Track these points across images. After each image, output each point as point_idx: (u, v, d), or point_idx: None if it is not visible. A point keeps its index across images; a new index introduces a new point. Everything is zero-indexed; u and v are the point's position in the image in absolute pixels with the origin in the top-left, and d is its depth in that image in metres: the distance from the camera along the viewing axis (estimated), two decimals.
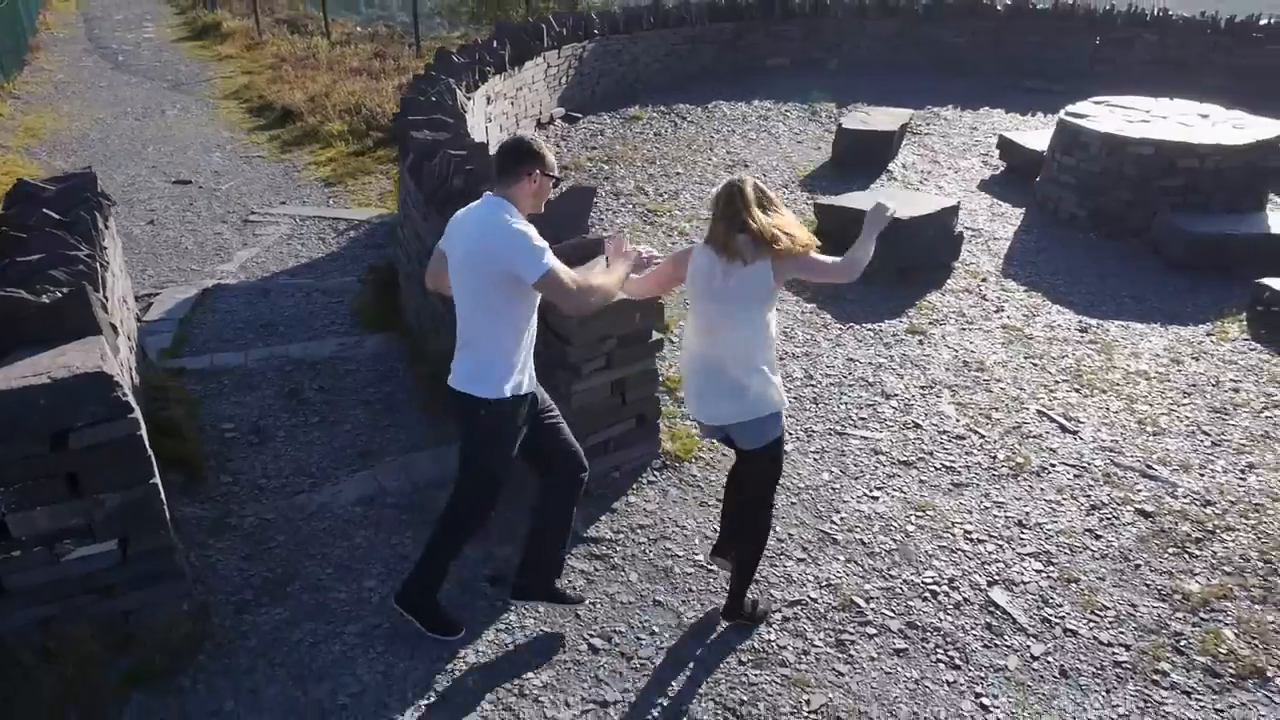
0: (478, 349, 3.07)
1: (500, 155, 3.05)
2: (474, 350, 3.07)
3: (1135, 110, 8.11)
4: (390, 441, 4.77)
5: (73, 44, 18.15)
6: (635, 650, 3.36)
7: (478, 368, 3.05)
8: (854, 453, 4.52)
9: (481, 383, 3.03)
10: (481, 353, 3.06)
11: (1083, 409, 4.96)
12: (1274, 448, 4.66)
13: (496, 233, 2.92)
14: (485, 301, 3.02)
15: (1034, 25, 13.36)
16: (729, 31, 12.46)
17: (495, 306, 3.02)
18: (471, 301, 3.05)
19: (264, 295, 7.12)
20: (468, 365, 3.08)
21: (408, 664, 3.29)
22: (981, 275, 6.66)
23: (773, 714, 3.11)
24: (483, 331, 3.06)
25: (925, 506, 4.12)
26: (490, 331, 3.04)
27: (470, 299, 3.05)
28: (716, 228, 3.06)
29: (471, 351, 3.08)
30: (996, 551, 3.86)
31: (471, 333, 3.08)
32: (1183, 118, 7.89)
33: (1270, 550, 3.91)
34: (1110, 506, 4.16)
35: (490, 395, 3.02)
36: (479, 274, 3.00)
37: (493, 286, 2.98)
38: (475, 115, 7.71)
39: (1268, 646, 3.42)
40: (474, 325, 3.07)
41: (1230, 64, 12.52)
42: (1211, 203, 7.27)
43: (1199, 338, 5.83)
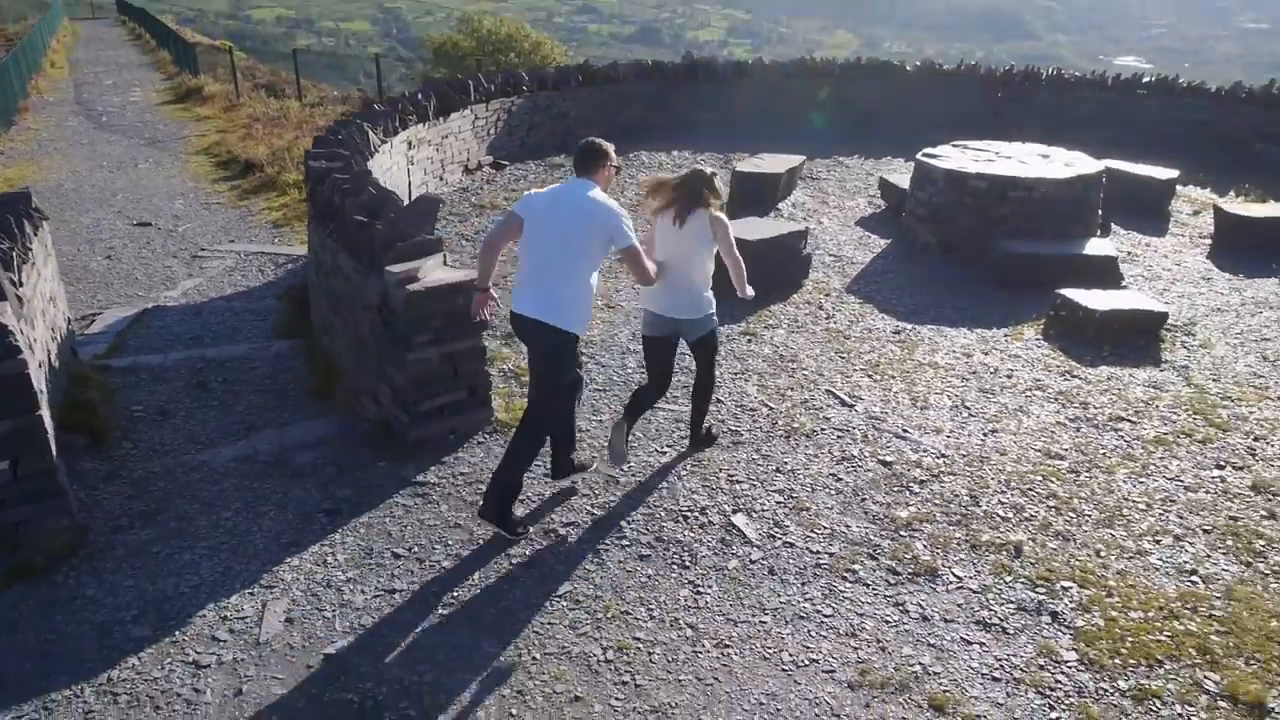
0: (555, 291, 3.99)
1: (584, 153, 4.20)
2: (551, 291, 3.99)
3: (985, 151, 9.11)
4: (274, 419, 5.59)
5: (61, 106, 19.36)
6: (428, 555, 4.15)
7: (551, 305, 3.98)
8: (659, 421, 5.35)
9: (555, 315, 3.98)
10: (557, 295, 3.99)
11: (868, 389, 5.80)
12: (1020, 419, 5.49)
13: (602, 207, 4.01)
14: (574, 256, 4.00)
15: (940, 83, 14.51)
16: (655, 90, 13.60)
17: (581, 261, 4.01)
18: (559, 253, 3.99)
19: (197, 314, 8.00)
20: (542, 302, 4.00)
21: (242, 566, 4.08)
22: (826, 291, 7.55)
23: (526, 599, 3.89)
24: (563, 277, 4.00)
25: (703, 459, 4.93)
26: (570, 278, 4.00)
27: (559, 252, 3.99)
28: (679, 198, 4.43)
29: (548, 292, 3.99)
30: (748, 489, 4.67)
31: (550, 279, 4.00)
32: (1024, 157, 8.88)
33: (979, 489, 4.72)
34: (857, 459, 4.97)
35: (563, 327, 3.99)
36: (575, 233, 3.98)
37: (586, 245, 3.99)
38: (392, 156, 8.69)
39: (946, 554, 4.21)
40: (556, 272, 4.00)
41: (1118, 117, 13.64)
42: (1042, 229, 8.20)
43: (997, 338, 6.70)
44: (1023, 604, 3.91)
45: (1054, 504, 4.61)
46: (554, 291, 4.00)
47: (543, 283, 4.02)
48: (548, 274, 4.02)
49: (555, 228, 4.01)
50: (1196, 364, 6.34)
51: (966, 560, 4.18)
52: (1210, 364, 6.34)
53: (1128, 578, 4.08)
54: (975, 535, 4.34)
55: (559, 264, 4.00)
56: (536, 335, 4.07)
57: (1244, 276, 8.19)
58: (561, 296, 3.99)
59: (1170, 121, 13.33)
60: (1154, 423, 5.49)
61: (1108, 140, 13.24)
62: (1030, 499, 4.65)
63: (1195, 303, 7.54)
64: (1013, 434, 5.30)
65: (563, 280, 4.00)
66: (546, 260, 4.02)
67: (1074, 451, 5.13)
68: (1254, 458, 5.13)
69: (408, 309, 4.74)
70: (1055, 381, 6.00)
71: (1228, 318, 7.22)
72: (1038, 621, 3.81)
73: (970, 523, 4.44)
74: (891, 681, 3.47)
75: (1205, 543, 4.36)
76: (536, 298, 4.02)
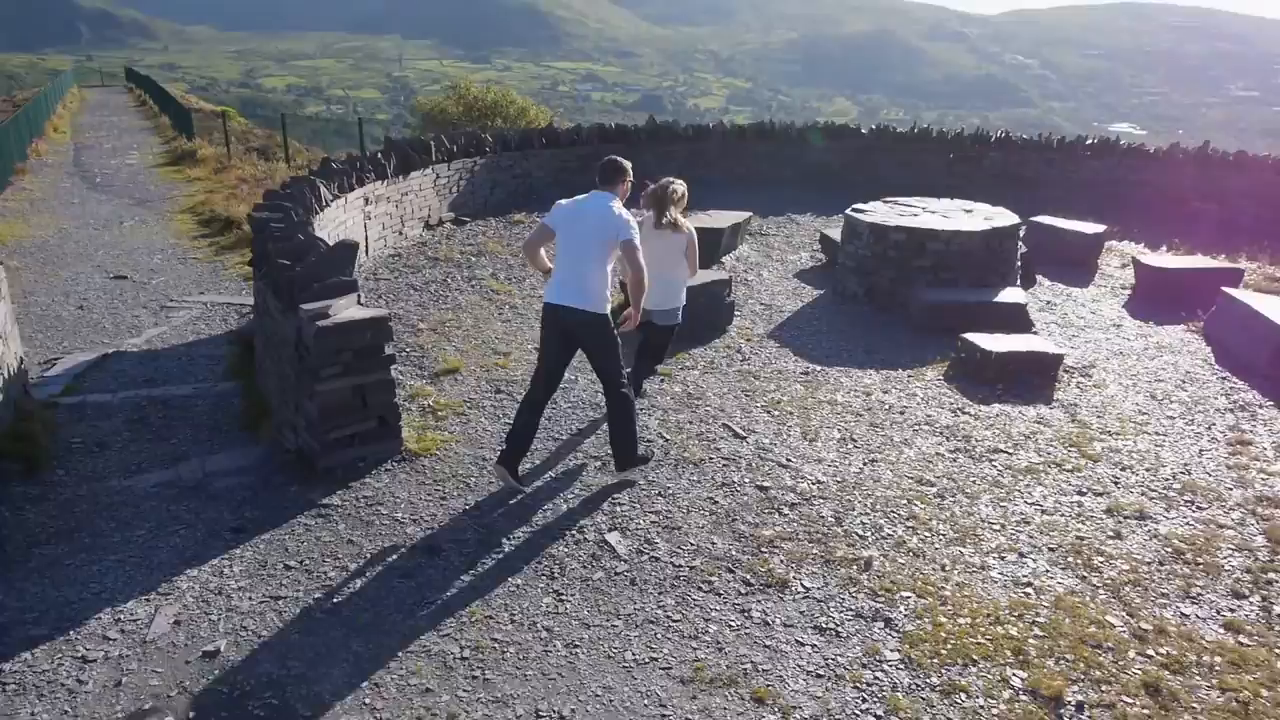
0: (583, 284, 4.96)
1: (605, 169, 5.24)
2: (581, 285, 4.96)
3: (912, 207, 9.59)
4: (203, 450, 5.95)
5: (58, 169, 20.10)
6: (317, 568, 4.48)
7: (581, 294, 4.95)
8: (560, 452, 5.70)
9: (585, 301, 4.96)
10: (585, 286, 4.95)
11: (764, 424, 6.16)
12: (901, 450, 5.83)
13: (616, 214, 4.97)
14: (596, 253, 4.96)
15: (895, 145, 15.14)
16: (620, 151, 14.13)
17: (598, 258, 4.96)
18: (585, 252, 4.96)
19: (155, 359, 8.40)
20: (574, 293, 4.96)
21: (144, 576, 4.41)
22: (749, 336, 7.94)
23: (399, 605, 4.21)
24: (584, 271, 4.95)
25: (592, 484, 5.28)
26: (590, 272, 4.96)
27: (584, 251, 4.96)
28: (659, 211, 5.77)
29: (578, 285, 4.96)
30: (627, 510, 5.00)
31: (579, 275, 4.97)
32: (947, 212, 9.36)
33: (844, 512, 5.05)
34: (737, 484, 5.31)
35: (593, 309, 4.97)
36: (597, 235, 4.95)
37: (604, 244, 4.95)
38: (347, 210, 9.19)
39: (800, 568, 4.52)
40: (580, 269, 4.96)
41: (1063, 178, 14.21)
42: (959, 279, 8.63)
43: (901, 378, 7.07)
44: (860, 611, 4.21)
45: (912, 524, 4.93)
46: (583, 284, 4.96)
47: (573, 277, 4.99)
48: (577, 270, 4.99)
49: (581, 233, 5.01)
50: (1085, 402, 6.69)
51: (818, 574, 4.49)
52: (1099, 402, 6.69)
53: (964, 589, 4.39)
54: (831, 552, 4.66)
55: (585, 262, 4.96)
56: (571, 321, 5.01)
57: (1154, 324, 8.58)
58: (588, 287, 4.96)
59: (1112, 181, 13.89)
60: (1029, 454, 5.82)
61: (1055, 199, 13.80)
62: (891, 520, 4.97)
63: (1100, 347, 7.92)
64: (891, 463, 5.64)
65: (588, 274, 4.96)
66: (575, 259, 4.99)
67: (945, 479, 5.46)
68: (1116, 485, 5.45)
69: (317, 343, 5.14)
70: (945, 417, 6.35)
71: (1128, 361, 7.59)
72: (870, 627, 4.11)
73: (829, 541, 4.76)
74: (722, 677, 3.77)
75: (1047, 559, 4.67)
76: (569, 291, 4.98)
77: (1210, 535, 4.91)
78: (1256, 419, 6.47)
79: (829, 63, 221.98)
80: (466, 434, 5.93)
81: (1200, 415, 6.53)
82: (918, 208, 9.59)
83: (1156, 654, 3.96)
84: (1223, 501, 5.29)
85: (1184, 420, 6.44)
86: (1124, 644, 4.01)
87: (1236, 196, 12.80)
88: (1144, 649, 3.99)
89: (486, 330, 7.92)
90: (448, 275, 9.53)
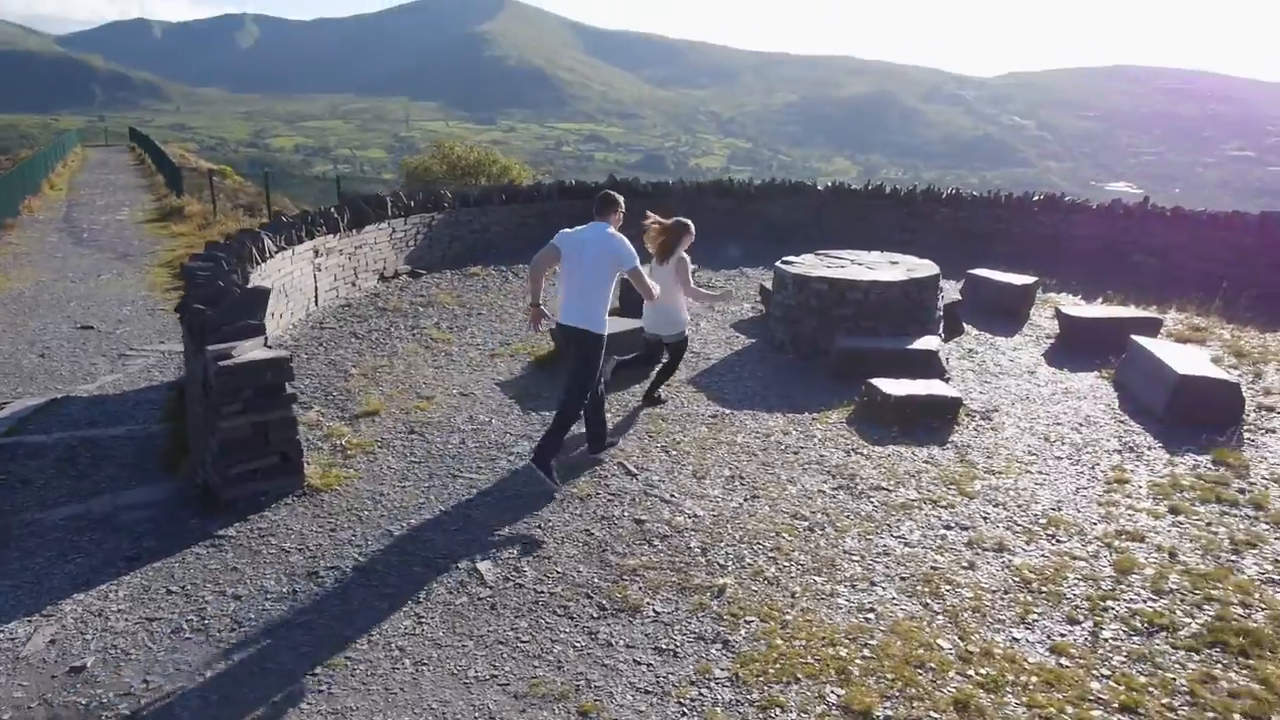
0: (588, 305, 5.71)
1: (601, 202, 6.00)
2: (586, 306, 5.71)
3: (841, 258, 9.96)
4: (121, 486, 6.22)
5: (48, 224, 20.69)
6: (196, 592, 4.72)
7: (586, 315, 5.71)
8: (456, 489, 5.96)
9: (589, 323, 5.75)
10: (590, 308, 5.72)
11: (658, 462, 6.42)
12: (785, 488, 6.08)
13: (615, 241, 5.75)
14: (598, 278, 5.71)
15: (849, 201, 15.59)
16: (579, 207, 14.66)
17: (603, 282, 5.74)
18: (589, 278, 5.72)
19: (101, 403, 8.71)
20: (580, 314, 5.74)
21: (33, 600, 4.67)
22: (670, 382, 8.23)
23: (265, 626, 4.44)
24: (591, 296, 5.69)
25: (475, 518, 5.53)
26: (596, 296, 5.71)
27: (588, 276, 5.71)
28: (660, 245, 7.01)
29: (583, 306, 5.71)
30: (504, 540, 5.25)
31: (584, 298, 5.72)
32: (872, 263, 9.71)
33: (712, 544, 5.28)
34: (616, 518, 5.56)
35: (596, 330, 5.76)
36: (598, 261, 5.69)
37: (605, 269, 5.70)
38: (294, 261, 9.58)
39: (655, 594, 4.75)
40: (588, 292, 5.71)
41: (1011, 232, 14.62)
42: (880, 327, 8.95)
43: (805, 421, 7.34)
44: (702, 634, 4.43)
45: (774, 555, 5.16)
46: (587, 306, 5.75)
47: (579, 300, 5.76)
48: (581, 296, 5.75)
49: (582, 262, 5.73)
50: (978, 444, 6.94)
51: (672, 599, 4.72)
52: (991, 444, 6.94)
53: (808, 614, 4.61)
54: (688, 579, 4.89)
55: (588, 286, 5.72)
56: (578, 337, 5.81)
57: (1068, 371, 8.86)
58: (591, 310, 5.75)
59: (1058, 236, 14.28)
60: (908, 491, 6.07)
61: (1003, 253, 14.20)
62: (754, 551, 5.21)
63: (1009, 392, 8.19)
64: (771, 500, 5.88)
65: (590, 299, 5.73)
66: (580, 284, 5.75)
67: (819, 514, 5.70)
68: (984, 520, 5.68)
69: (219, 381, 5.45)
70: (836, 457, 6.60)
71: (1031, 405, 7.85)
72: (708, 648, 4.33)
73: (689, 570, 4.99)
74: (554, 693, 3.99)
75: (897, 588, 4.89)
76: (573, 313, 5.80)
77: (1060, 566, 5.13)
78: (1141, 460, 6.71)
79: (829, 123, 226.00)
80: (371, 471, 6.20)
81: (1087, 456, 6.77)
82: (846, 259, 9.95)
83: (976, 674, 4.16)
84: (1083, 535, 5.51)
85: (1070, 461, 6.68)
86: (947, 665, 4.22)
87: (1176, 250, 13.16)
88: (965, 669, 4.20)
89: (416, 375, 8.23)
90: (392, 324, 9.88)
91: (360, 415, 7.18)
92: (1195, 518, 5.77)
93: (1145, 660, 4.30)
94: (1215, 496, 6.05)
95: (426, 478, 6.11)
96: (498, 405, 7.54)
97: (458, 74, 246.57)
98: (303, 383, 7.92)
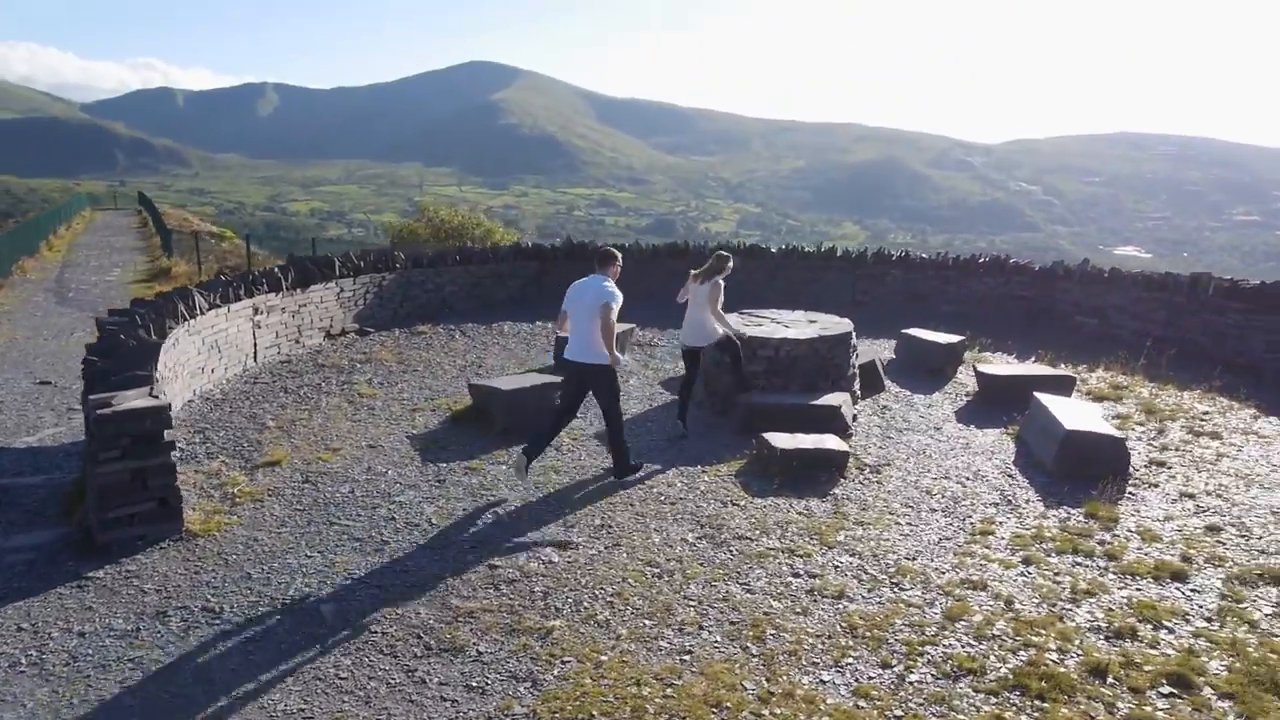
0: (587, 343, 6.85)
1: (600, 256, 7.21)
2: (586, 344, 6.86)
3: (762, 317, 10.23)
4: (17, 531, 6.46)
5: (38, 285, 21.28)
6: (44, 629, 4.93)
7: (587, 352, 6.86)
8: (329, 535, 6.17)
9: (590, 356, 6.88)
10: (589, 345, 6.84)
11: (534, 511, 6.61)
12: (650, 536, 6.25)
13: (604, 288, 6.88)
14: (594, 320, 6.76)
15: (803, 264, 15.95)
16: (534, 268, 15.10)
17: (595, 321, 6.75)
18: (585, 319, 6.83)
19: (34, 454, 8.99)
20: (583, 351, 6.90)
21: None
22: (576, 436, 8.46)
23: (98, 660, 4.63)
24: (589, 333, 6.80)
25: (336, 563, 5.73)
26: (594, 334, 6.79)
27: (585, 318, 6.84)
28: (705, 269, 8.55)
29: (582, 344, 6.87)
30: (355, 583, 5.44)
31: (583, 338, 6.87)
32: (790, 322, 9.98)
33: (556, 588, 5.46)
34: (471, 564, 5.74)
35: (597, 362, 6.88)
36: (592, 306, 6.80)
37: (598, 311, 6.73)
38: (230, 319, 9.95)
39: (484, 636, 4.92)
40: (585, 333, 6.85)
41: (958, 293, 14.91)
42: (791, 384, 9.18)
43: (696, 473, 7.52)
44: (516, 673, 4.59)
45: (612, 600, 5.33)
46: (586, 345, 6.88)
47: (580, 339, 6.92)
48: (583, 335, 6.89)
49: (582, 307, 6.91)
50: (858, 496, 7.11)
51: (499, 640, 4.88)
52: (871, 496, 7.11)
53: (626, 656, 4.76)
54: (521, 622, 5.06)
55: (587, 327, 6.83)
56: (583, 371, 6.96)
57: (975, 427, 9.03)
58: (590, 346, 6.86)
59: (1003, 297, 14.56)
60: (771, 541, 6.23)
61: (950, 313, 14.48)
62: (594, 596, 5.37)
63: (910, 446, 8.37)
64: (631, 548, 6.06)
65: (590, 337, 6.84)
66: (581, 327, 6.90)
67: (673, 562, 5.86)
68: (834, 570, 5.83)
69: (97, 428, 5.72)
70: (712, 508, 6.78)
71: (927, 459, 8.02)
72: (517, 686, 4.48)
73: (525, 613, 5.16)
74: None
75: (724, 632, 5.04)
76: (576, 349, 6.95)
77: (892, 613, 5.27)
78: (1015, 512, 6.85)
79: (837, 189, 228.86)
80: (253, 518, 6.42)
81: (963, 508, 6.92)
82: (767, 319, 10.22)
83: (770, 714, 4.30)
84: (927, 584, 5.65)
85: (943, 513, 6.83)
86: (744, 705, 4.35)
87: (1114, 310, 13.38)
88: (761, 710, 4.33)
89: (331, 428, 8.48)
90: (325, 380, 10.18)
91: (262, 465, 7.42)
92: (1046, 568, 5.90)
93: (942, 703, 4.42)
94: (1073, 548, 6.18)
95: (305, 524, 6.33)
96: (400, 457, 7.78)
97: (472, 140, 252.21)
98: (217, 434, 8.20)
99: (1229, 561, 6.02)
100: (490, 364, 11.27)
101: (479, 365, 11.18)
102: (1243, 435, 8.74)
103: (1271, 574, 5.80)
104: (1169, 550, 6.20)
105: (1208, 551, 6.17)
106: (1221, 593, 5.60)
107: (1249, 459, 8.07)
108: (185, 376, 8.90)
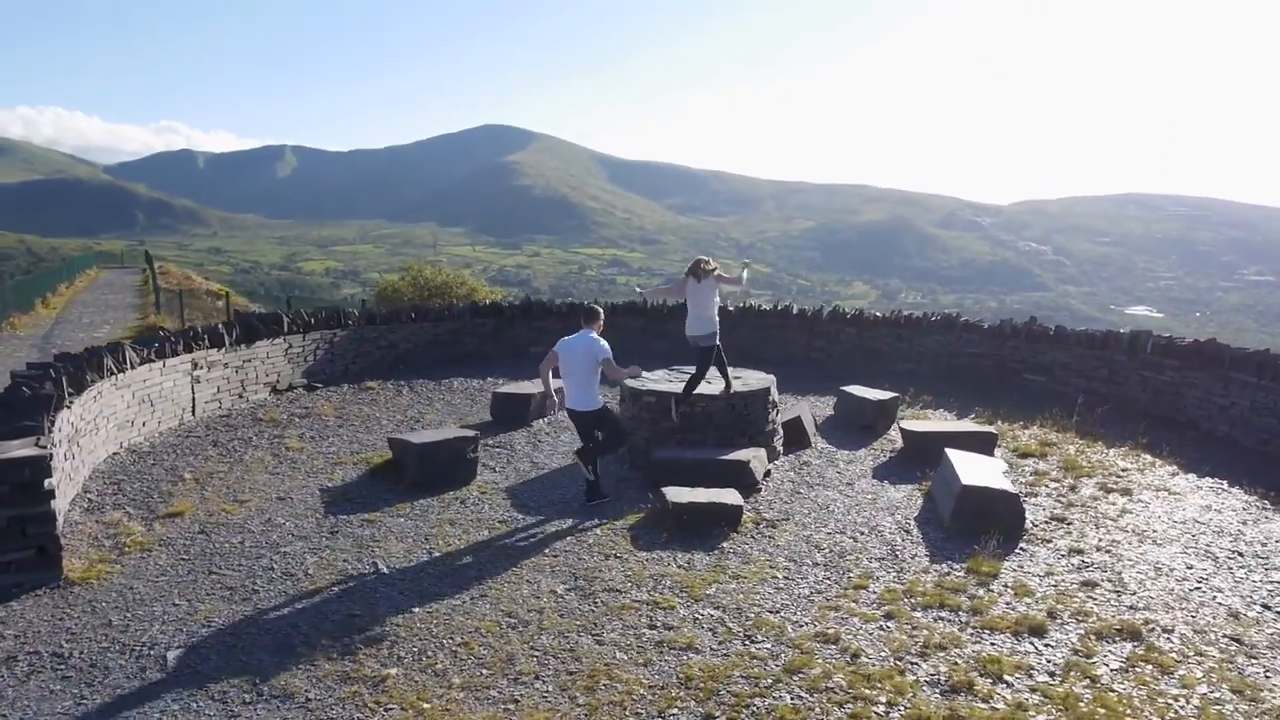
0: (584, 392, 7.89)
1: (586, 313, 8.44)
2: (582, 393, 7.90)
3: (686, 373, 10.36)
4: None
5: (24, 342, 21.69)
6: None
7: (583, 400, 7.91)
8: (204, 584, 6.29)
9: (587, 404, 7.94)
10: (585, 393, 7.89)
11: (416, 562, 6.71)
12: (519, 588, 6.34)
13: (595, 343, 7.90)
14: (588, 372, 7.85)
15: (758, 322, 16.14)
16: (491, 325, 15.36)
17: (591, 374, 7.87)
18: (581, 373, 7.87)
19: None
20: (579, 399, 7.94)
21: None
22: (485, 489, 8.58)
23: None
24: (585, 384, 7.86)
25: (199, 610, 5.83)
26: (588, 384, 7.87)
27: (580, 372, 7.88)
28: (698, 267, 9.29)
29: (581, 393, 7.90)
30: (211, 631, 5.54)
31: (580, 388, 7.90)
32: (713, 378, 10.11)
33: (405, 637, 5.55)
34: (331, 612, 5.84)
35: (594, 408, 7.96)
36: (587, 359, 7.85)
37: (592, 365, 7.85)
38: (165, 374, 10.20)
39: (320, 683, 5.00)
40: (582, 383, 7.87)
41: (911, 350, 15.03)
42: (706, 439, 9.28)
43: (591, 528, 7.61)
44: (337, 719, 4.66)
45: (457, 649, 5.41)
46: (582, 393, 7.93)
47: (577, 391, 7.92)
48: (579, 387, 7.91)
49: (575, 361, 7.90)
50: (744, 550, 7.17)
51: (332, 687, 4.96)
52: (757, 551, 7.17)
53: (452, 704, 4.83)
54: (359, 670, 5.14)
55: (581, 377, 7.89)
56: (583, 415, 8.02)
57: (889, 483, 9.09)
58: (586, 396, 7.93)
59: (954, 354, 14.66)
60: (640, 594, 6.29)
61: (904, 370, 14.58)
62: (440, 646, 5.45)
63: (816, 501, 8.43)
64: (495, 600, 6.14)
65: (584, 386, 7.91)
66: (575, 377, 7.91)
67: (533, 613, 5.94)
68: (693, 623, 5.89)
69: None
70: (592, 561, 6.86)
71: (827, 514, 8.08)
72: None
73: (366, 661, 5.24)
74: None
75: (557, 683, 5.10)
76: (575, 399, 7.96)
77: (734, 665, 5.31)
78: (896, 567, 6.89)
79: (847, 249, 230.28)
80: (136, 568, 6.55)
81: (846, 562, 6.97)
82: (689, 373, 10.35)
83: None
84: (780, 637, 5.69)
85: (824, 567, 6.88)
86: None
87: (1060, 368, 13.46)
88: None
89: (247, 482, 8.64)
90: (257, 434, 10.37)
91: (164, 516, 7.58)
92: (906, 621, 5.94)
93: None
94: (940, 603, 6.22)
95: (184, 574, 6.45)
96: (305, 509, 7.91)
97: (486, 201, 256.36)
98: (131, 485, 8.36)
99: (1093, 616, 6.04)
100: (430, 419, 11.43)
101: (418, 420, 11.34)
102: (1154, 492, 8.76)
103: (1129, 629, 5.82)
104: (1037, 605, 6.22)
105: (1075, 606, 6.19)
106: (1075, 648, 5.61)
107: (1151, 515, 8.09)
108: (110, 429, 9.11)
